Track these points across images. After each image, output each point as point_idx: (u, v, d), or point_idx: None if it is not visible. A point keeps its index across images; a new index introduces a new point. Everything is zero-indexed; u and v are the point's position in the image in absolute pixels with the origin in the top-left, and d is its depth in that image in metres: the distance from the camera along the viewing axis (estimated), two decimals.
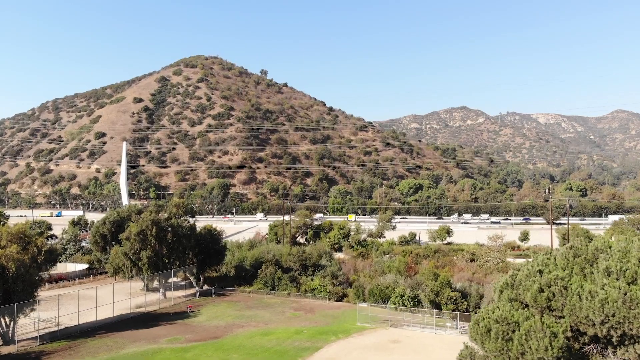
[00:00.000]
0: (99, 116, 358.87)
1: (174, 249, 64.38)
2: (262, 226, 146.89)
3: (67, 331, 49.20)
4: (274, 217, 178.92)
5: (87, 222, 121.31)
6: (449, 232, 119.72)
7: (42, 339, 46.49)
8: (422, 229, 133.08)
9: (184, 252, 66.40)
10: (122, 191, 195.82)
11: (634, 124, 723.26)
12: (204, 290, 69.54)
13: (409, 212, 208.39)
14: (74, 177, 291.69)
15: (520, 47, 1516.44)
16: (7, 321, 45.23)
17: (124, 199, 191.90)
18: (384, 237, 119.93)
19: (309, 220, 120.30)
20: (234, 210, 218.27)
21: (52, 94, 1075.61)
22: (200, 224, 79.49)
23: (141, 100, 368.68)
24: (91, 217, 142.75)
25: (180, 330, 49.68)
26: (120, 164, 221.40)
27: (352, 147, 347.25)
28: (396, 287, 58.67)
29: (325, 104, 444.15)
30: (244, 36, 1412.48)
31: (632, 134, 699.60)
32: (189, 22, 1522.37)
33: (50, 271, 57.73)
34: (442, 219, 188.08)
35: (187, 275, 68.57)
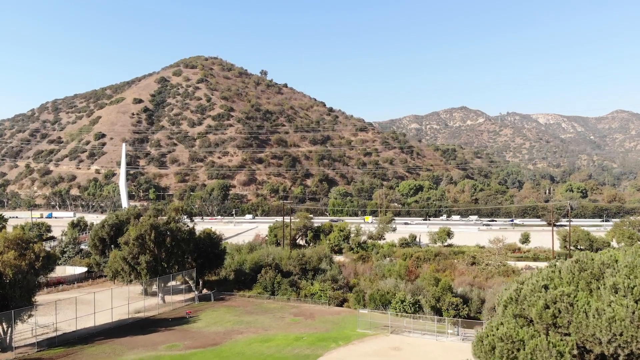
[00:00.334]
0: (99, 117, 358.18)
1: (173, 253, 64.00)
2: (261, 228, 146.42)
3: (65, 337, 48.84)
4: (268, 219, 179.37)
5: (87, 224, 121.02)
6: (449, 234, 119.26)
7: (40, 346, 46.13)
8: (423, 230, 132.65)
9: (183, 257, 65.99)
10: (122, 192, 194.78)
11: (634, 124, 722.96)
12: (203, 294, 69.15)
13: (409, 213, 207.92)
14: (74, 178, 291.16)
15: (520, 47, 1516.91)
16: (4, 327, 44.88)
17: (123, 200, 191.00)
18: (384, 239, 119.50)
19: (308, 222, 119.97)
20: (234, 211, 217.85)
21: (52, 95, 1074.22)
22: (200, 227, 79.12)
23: (141, 101, 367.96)
24: (90, 219, 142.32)
25: (179, 336, 49.27)
26: (119, 165, 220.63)
27: (352, 147, 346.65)
28: (397, 292, 58.30)
29: (325, 105, 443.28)
30: (244, 36, 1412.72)
31: (632, 134, 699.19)
32: (188, 23, 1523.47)
33: (48, 275, 57.39)
34: (428, 219, 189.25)
35: (186, 279, 68.23)
